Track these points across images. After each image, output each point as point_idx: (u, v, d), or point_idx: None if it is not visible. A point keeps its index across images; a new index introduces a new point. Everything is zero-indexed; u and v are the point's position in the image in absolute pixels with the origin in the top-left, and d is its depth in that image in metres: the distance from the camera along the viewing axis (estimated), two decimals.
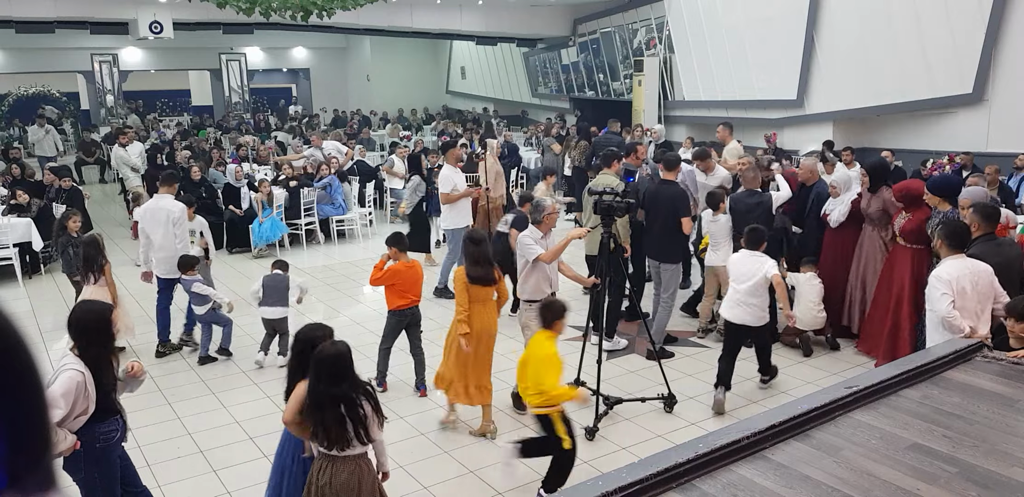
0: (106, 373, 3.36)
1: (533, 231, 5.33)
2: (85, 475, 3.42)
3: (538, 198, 5.55)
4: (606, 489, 1.64)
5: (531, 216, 5.45)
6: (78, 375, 3.22)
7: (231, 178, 10.60)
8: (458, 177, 7.97)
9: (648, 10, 15.13)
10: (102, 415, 3.37)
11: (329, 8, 10.01)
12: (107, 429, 3.42)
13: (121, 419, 3.52)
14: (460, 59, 23.34)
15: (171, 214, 6.48)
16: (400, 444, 4.85)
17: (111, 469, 3.50)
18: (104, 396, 3.35)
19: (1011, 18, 9.60)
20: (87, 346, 3.32)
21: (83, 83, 22.53)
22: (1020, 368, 2.41)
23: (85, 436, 3.32)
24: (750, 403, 5.46)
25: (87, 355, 3.30)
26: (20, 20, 13.85)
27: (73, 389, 3.19)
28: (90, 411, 3.29)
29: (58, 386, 3.18)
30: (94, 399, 3.29)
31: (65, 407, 3.17)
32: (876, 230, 6.25)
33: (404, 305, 5.58)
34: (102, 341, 3.36)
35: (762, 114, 12.99)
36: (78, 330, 3.35)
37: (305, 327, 3.58)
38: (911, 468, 1.81)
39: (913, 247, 5.77)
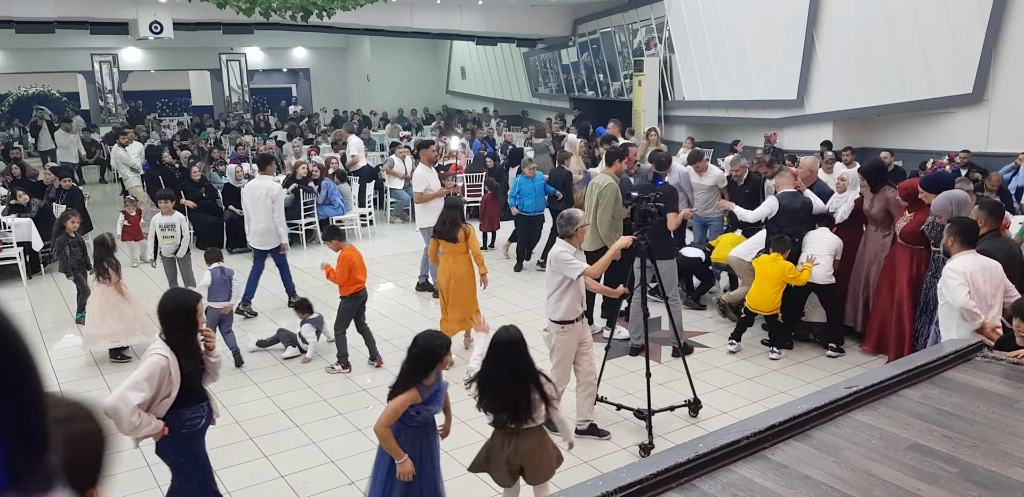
0: (191, 359, 3.43)
1: (567, 246, 4.77)
2: (174, 460, 3.52)
3: (571, 210, 4.95)
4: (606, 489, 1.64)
5: (561, 229, 4.85)
6: (162, 359, 3.30)
7: (231, 178, 10.60)
8: (431, 177, 8.05)
9: (648, 10, 15.13)
10: (188, 401, 3.44)
11: (329, 8, 10.00)
12: (192, 416, 3.48)
13: (207, 406, 3.59)
14: (460, 59, 23.34)
15: (270, 191, 7.43)
16: None
17: (199, 454, 3.59)
18: (189, 382, 3.42)
19: (1011, 18, 9.60)
20: (170, 331, 3.42)
21: (83, 83, 22.54)
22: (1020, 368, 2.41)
23: (171, 422, 3.38)
24: (750, 403, 5.46)
25: (171, 340, 3.39)
26: (20, 20, 13.86)
27: (157, 373, 3.27)
28: (173, 395, 3.35)
29: (142, 370, 3.27)
30: (178, 384, 3.35)
31: (148, 390, 3.24)
32: (879, 230, 6.27)
33: (357, 289, 6.01)
34: (184, 327, 3.43)
35: (762, 114, 13.00)
36: (162, 315, 3.45)
37: (426, 334, 3.61)
38: (911, 468, 1.81)
39: (913, 247, 5.79)
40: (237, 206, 10.31)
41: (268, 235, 7.44)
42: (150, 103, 25.84)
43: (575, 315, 4.76)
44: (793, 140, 12.57)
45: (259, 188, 7.47)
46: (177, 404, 3.39)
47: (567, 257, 4.70)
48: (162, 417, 3.35)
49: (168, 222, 7.46)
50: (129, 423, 3.19)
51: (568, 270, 4.66)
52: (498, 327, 3.64)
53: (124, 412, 3.16)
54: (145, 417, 3.25)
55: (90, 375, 6.12)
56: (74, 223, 7.30)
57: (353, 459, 4.70)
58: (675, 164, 8.20)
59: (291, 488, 4.39)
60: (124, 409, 3.16)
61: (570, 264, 4.65)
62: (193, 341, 3.48)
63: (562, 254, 4.73)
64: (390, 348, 6.62)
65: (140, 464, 4.67)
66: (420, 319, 7.44)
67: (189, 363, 3.41)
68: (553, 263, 4.74)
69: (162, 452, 3.51)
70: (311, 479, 4.47)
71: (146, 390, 3.24)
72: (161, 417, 3.35)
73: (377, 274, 9.00)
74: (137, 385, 3.23)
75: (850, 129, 11.95)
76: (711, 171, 8.00)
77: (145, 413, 3.26)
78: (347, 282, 5.95)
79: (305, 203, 10.47)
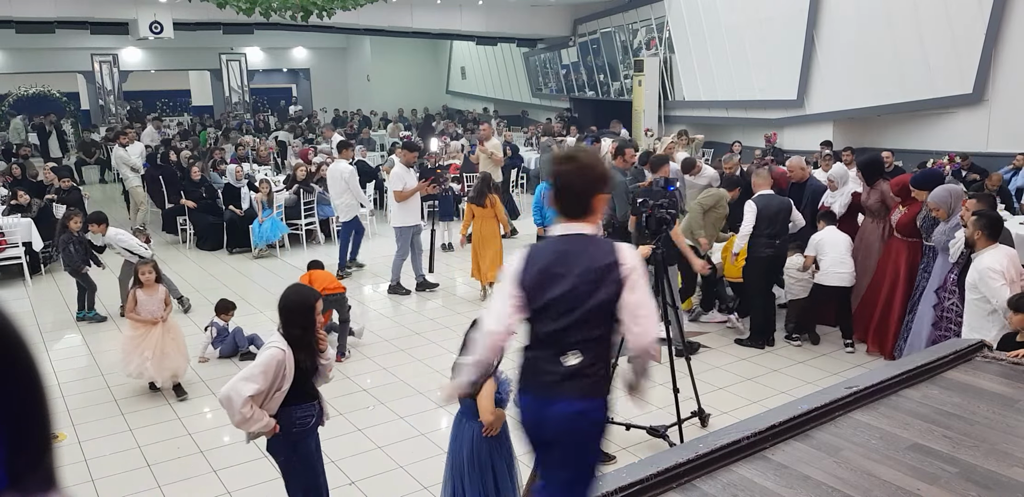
0: (307, 356, 3.41)
1: None
2: (284, 458, 3.50)
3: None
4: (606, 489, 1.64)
5: None
6: (279, 353, 3.29)
7: (231, 178, 10.60)
8: (409, 176, 8.10)
9: (648, 10, 15.13)
10: (299, 399, 3.41)
11: (329, 8, 10.01)
12: (303, 414, 3.45)
13: (318, 404, 3.55)
14: (460, 59, 23.34)
15: (342, 173, 8.77)
16: (400, 444, 4.85)
17: (309, 454, 3.55)
18: (303, 378, 3.40)
19: (1011, 18, 9.60)
20: (288, 326, 3.41)
21: (83, 83, 22.53)
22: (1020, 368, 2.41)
23: (283, 420, 3.37)
24: (750, 403, 5.46)
25: (289, 334, 3.38)
26: (20, 20, 13.86)
27: (273, 366, 3.26)
28: (285, 389, 3.33)
29: (258, 362, 3.28)
30: (291, 378, 3.33)
31: (263, 382, 3.23)
32: (875, 222, 6.41)
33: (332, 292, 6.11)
34: (301, 323, 3.41)
35: (762, 114, 12.99)
36: (280, 309, 3.45)
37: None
38: (911, 468, 1.81)
39: (909, 240, 5.92)
40: (237, 206, 10.33)
41: (346, 208, 8.80)
42: (150, 103, 25.83)
43: None
44: (793, 140, 12.57)
45: (335, 171, 8.88)
46: (289, 401, 3.37)
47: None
48: (274, 414, 3.34)
49: (104, 243, 7.54)
50: (240, 414, 3.19)
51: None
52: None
53: (236, 402, 3.17)
54: (257, 411, 3.25)
55: (90, 375, 6.12)
56: (76, 223, 7.34)
57: (354, 459, 4.70)
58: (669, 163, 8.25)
59: None
60: (236, 399, 3.17)
61: None
62: (310, 337, 3.45)
63: None
64: (390, 348, 6.62)
65: (140, 464, 4.68)
66: (420, 319, 7.44)
67: (305, 359, 3.40)
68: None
69: (272, 450, 3.51)
70: None
71: (260, 382, 3.22)
72: (273, 414, 3.33)
73: (377, 274, 9.00)
74: (252, 377, 3.23)
75: (850, 129, 11.95)
76: (705, 171, 8.07)
77: (258, 408, 3.25)
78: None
79: (305, 203, 10.47)
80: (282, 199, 10.20)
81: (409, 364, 6.20)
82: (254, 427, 3.27)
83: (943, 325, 5.37)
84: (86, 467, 4.62)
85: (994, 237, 4.42)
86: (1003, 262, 4.31)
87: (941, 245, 5.33)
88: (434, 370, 6.10)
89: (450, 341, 6.76)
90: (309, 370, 3.44)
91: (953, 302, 5.25)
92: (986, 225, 4.42)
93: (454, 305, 7.92)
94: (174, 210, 10.77)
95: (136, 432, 5.11)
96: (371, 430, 5.08)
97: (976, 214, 4.58)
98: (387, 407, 5.41)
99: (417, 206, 8.27)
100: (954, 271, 5.23)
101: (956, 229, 5.15)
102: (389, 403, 5.48)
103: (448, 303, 8.04)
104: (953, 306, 5.26)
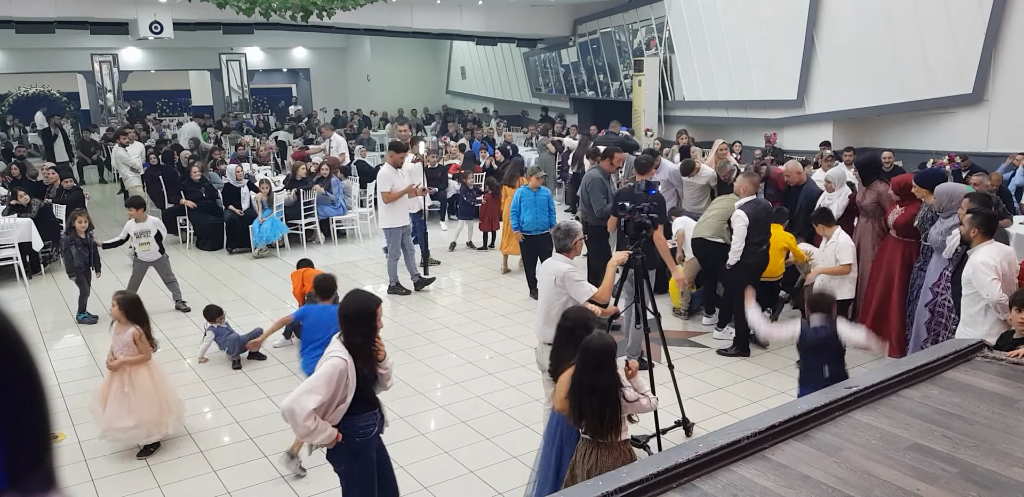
0: (368, 364, 3.34)
1: (570, 262, 4.39)
2: (345, 468, 3.44)
3: (568, 222, 4.55)
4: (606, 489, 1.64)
5: (559, 242, 4.46)
6: (341, 363, 3.21)
7: (231, 178, 10.60)
8: (396, 178, 8.12)
9: (648, 10, 15.13)
10: (361, 408, 3.34)
11: (329, 8, 10.01)
12: (366, 423, 3.39)
13: (379, 413, 3.50)
14: (460, 59, 23.34)
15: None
16: (400, 444, 4.85)
17: (369, 463, 3.49)
18: (364, 387, 3.33)
19: (1011, 18, 9.60)
20: (349, 334, 3.33)
21: (83, 83, 22.54)
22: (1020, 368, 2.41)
23: (345, 429, 3.30)
24: (750, 403, 5.46)
25: (350, 343, 3.30)
26: (20, 20, 13.86)
27: (336, 376, 3.18)
28: (348, 400, 3.25)
29: (320, 373, 3.19)
30: (354, 388, 3.26)
31: (325, 394, 3.15)
32: (871, 222, 6.43)
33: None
34: (363, 331, 3.34)
35: (762, 114, 13.00)
36: (342, 318, 3.37)
37: (574, 309, 3.61)
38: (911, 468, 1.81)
39: (905, 240, 5.94)
40: (237, 206, 10.32)
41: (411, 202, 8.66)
42: (150, 103, 25.84)
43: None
44: (793, 140, 12.57)
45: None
46: (351, 410, 3.29)
47: (577, 276, 4.29)
48: (336, 424, 3.27)
49: (142, 229, 7.48)
50: (304, 427, 3.12)
51: (577, 292, 4.25)
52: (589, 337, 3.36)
53: (299, 415, 3.10)
54: (321, 423, 3.17)
55: (90, 375, 6.12)
56: (82, 223, 7.29)
57: None
58: (664, 161, 8.25)
59: (291, 488, 4.39)
60: (300, 413, 3.10)
61: (580, 285, 4.26)
62: (372, 345, 3.38)
63: (571, 273, 4.30)
64: (390, 348, 6.54)
65: (140, 464, 4.68)
66: (420, 319, 7.44)
67: (366, 367, 3.32)
68: (558, 281, 4.29)
69: (333, 459, 3.44)
70: (311, 479, 4.47)
71: (323, 394, 3.14)
72: (336, 423, 3.26)
73: (377, 274, 9.00)
74: (314, 389, 3.14)
75: (850, 129, 11.95)
76: (703, 171, 8.08)
77: (321, 419, 3.17)
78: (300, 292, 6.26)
79: (305, 203, 10.47)
80: (282, 199, 10.20)
81: (409, 364, 6.19)
82: (318, 439, 3.19)
83: (936, 320, 5.42)
84: (86, 467, 4.62)
85: (989, 234, 4.48)
86: (996, 258, 4.35)
87: (938, 244, 5.37)
88: (434, 370, 6.10)
89: (450, 341, 6.76)
90: (369, 378, 3.36)
91: (946, 297, 5.30)
92: (982, 222, 4.48)
93: (454, 305, 7.92)
94: (174, 210, 10.77)
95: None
96: None
97: (971, 212, 4.65)
98: (387, 407, 5.38)
99: (405, 207, 8.28)
100: (949, 268, 5.28)
101: (953, 228, 5.20)
102: (389, 403, 5.44)
103: (448, 303, 8.04)
104: (946, 301, 5.31)
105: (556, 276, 4.26)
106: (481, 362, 6.23)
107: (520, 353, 6.29)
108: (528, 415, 5.12)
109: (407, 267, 8.32)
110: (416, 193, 8.34)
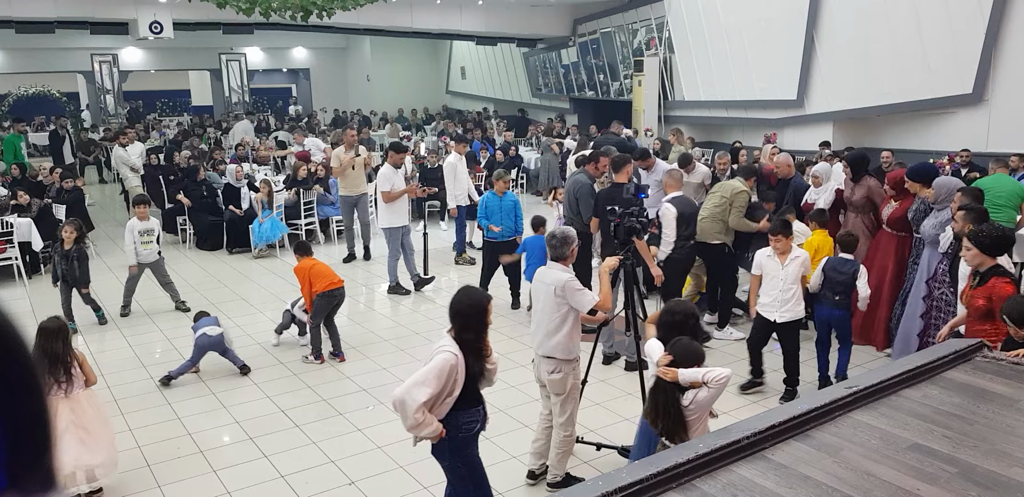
0: (476, 360, 3.35)
1: (567, 270, 4.19)
2: (449, 463, 3.46)
3: (563, 228, 4.30)
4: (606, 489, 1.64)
5: (555, 251, 4.18)
6: (452, 357, 3.23)
7: (231, 178, 10.60)
8: (396, 177, 8.17)
9: (648, 10, 15.12)
10: (466, 404, 3.35)
11: (329, 8, 10.00)
12: (469, 419, 3.40)
13: (483, 410, 3.50)
14: (460, 59, 23.33)
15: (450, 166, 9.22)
16: (400, 444, 4.85)
17: (473, 458, 3.51)
18: (470, 383, 3.33)
19: (1011, 18, 9.60)
20: (461, 330, 3.35)
21: (83, 83, 22.53)
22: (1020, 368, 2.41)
23: (448, 424, 3.32)
24: (750, 403, 5.46)
25: (461, 339, 3.32)
26: (20, 20, 13.84)
27: (446, 370, 3.20)
28: (455, 395, 3.27)
29: (432, 366, 3.21)
30: (462, 383, 3.27)
31: (435, 388, 3.17)
32: (860, 218, 6.50)
33: (327, 287, 6.11)
34: (475, 327, 3.37)
35: (762, 114, 12.99)
36: (454, 314, 3.40)
37: (676, 302, 3.70)
38: (911, 468, 1.81)
39: (899, 234, 6.04)
40: (237, 206, 10.32)
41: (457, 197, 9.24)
42: (150, 103, 25.84)
43: (579, 351, 4.19)
44: (793, 140, 12.56)
45: (447, 163, 9.33)
46: (455, 406, 3.31)
47: (578, 285, 4.06)
48: (441, 419, 3.29)
49: (146, 227, 7.47)
50: (413, 420, 3.15)
51: (579, 301, 4.03)
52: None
53: (410, 407, 3.12)
54: (428, 416, 3.19)
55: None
56: (69, 234, 6.89)
57: (353, 459, 4.70)
58: (658, 161, 8.24)
59: (291, 488, 4.39)
60: (411, 404, 3.12)
61: (583, 294, 4.02)
62: (483, 341, 3.40)
63: (572, 282, 4.05)
64: (390, 348, 6.63)
65: (140, 464, 4.68)
66: (420, 319, 7.45)
67: (476, 364, 3.34)
68: (558, 291, 4.04)
69: (438, 455, 3.46)
70: (311, 479, 4.47)
71: (433, 387, 3.17)
72: (441, 418, 3.28)
73: (377, 274, 9.01)
74: (426, 381, 3.17)
75: (850, 129, 11.95)
76: (698, 169, 8.09)
77: (428, 413, 3.20)
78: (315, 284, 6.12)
79: (305, 203, 10.48)
80: (282, 199, 10.20)
81: (409, 364, 6.19)
82: (424, 431, 3.22)
83: (933, 314, 5.47)
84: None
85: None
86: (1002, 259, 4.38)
87: (931, 238, 5.44)
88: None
89: None
90: (476, 374, 3.37)
91: (943, 292, 5.34)
92: (974, 218, 4.57)
93: None
94: (174, 210, 10.77)
95: (136, 432, 5.10)
96: (371, 430, 5.08)
97: (963, 208, 4.72)
98: (387, 407, 5.40)
99: (404, 207, 8.34)
100: (944, 262, 5.33)
101: (947, 223, 5.27)
102: (389, 403, 5.46)
103: (448, 303, 8.02)
104: (943, 296, 5.35)
105: (556, 286, 4.05)
106: None
107: (520, 353, 6.29)
108: (528, 415, 5.12)
109: (407, 267, 8.33)
110: (416, 193, 8.35)
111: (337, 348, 6.35)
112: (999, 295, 3.89)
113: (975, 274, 4.20)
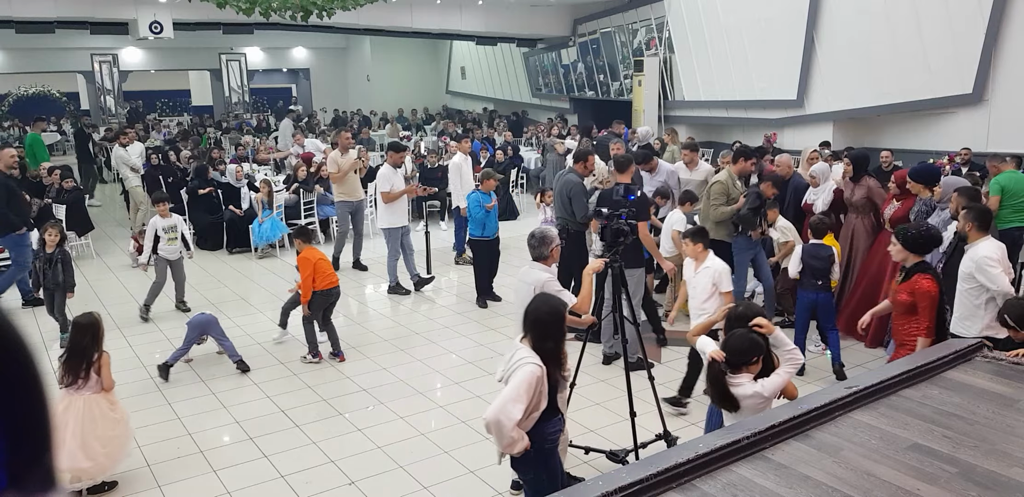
0: (556, 370, 3.20)
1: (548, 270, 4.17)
2: (533, 476, 3.32)
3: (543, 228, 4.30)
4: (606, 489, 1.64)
5: (535, 251, 4.23)
6: (538, 369, 3.07)
7: (231, 178, 10.60)
8: (396, 178, 8.17)
9: (648, 10, 15.13)
10: (548, 414, 3.21)
11: (329, 8, 10.00)
12: (553, 429, 3.29)
13: (562, 418, 3.39)
14: (460, 59, 23.34)
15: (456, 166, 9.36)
16: (400, 444, 4.85)
17: (556, 470, 3.39)
18: (552, 393, 3.20)
19: (1011, 18, 9.60)
20: (540, 340, 3.18)
21: (83, 83, 22.54)
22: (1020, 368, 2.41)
23: (534, 437, 3.17)
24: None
25: (541, 349, 3.16)
26: (20, 20, 13.85)
27: (534, 383, 3.04)
28: (542, 407, 3.13)
29: (521, 381, 3.03)
30: (547, 395, 3.13)
31: (526, 402, 3.02)
32: (860, 218, 6.51)
33: (326, 285, 6.12)
34: (554, 335, 3.20)
35: (762, 114, 12.99)
36: (533, 323, 3.21)
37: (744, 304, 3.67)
38: (911, 468, 1.81)
39: None
40: (237, 206, 10.32)
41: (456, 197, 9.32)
42: (150, 103, 25.85)
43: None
44: (793, 140, 12.57)
45: (452, 163, 9.47)
46: (539, 417, 3.17)
47: (557, 286, 4.07)
48: (527, 431, 3.16)
49: (169, 224, 7.48)
50: (509, 438, 3.00)
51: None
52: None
53: (507, 427, 2.97)
54: (518, 431, 3.04)
55: None
56: (52, 237, 6.53)
57: (353, 459, 4.70)
58: (662, 162, 8.23)
59: (291, 488, 4.39)
60: (507, 424, 2.97)
61: (561, 295, 3.95)
62: (562, 350, 3.25)
63: (551, 283, 4.07)
64: (390, 348, 6.63)
65: (140, 464, 4.68)
66: (420, 319, 7.45)
67: (556, 373, 3.20)
68: (537, 290, 3.95)
69: (521, 468, 3.33)
70: (311, 479, 4.47)
71: (524, 402, 3.01)
72: (527, 431, 3.15)
73: (377, 274, 9.00)
74: (518, 397, 3.00)
75: (850, 129, 11.95)
76: (701, 166, 8.09)
77: (516, 429, 3.05)
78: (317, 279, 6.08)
79: (305, 203, 10.47)
80: (282, 199, 10.20)
81: (409, 364, 6.20)
82: (517, 448, 3.07)
83: None
84: None
85: (984, 228, 4.55)
86: (997, 252, 4.43)
87: None
88: (434, 370, 6.10)
89: (450, 341, 6.77)
90: (557, 384, 3.25)
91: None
92: (976, 217, 4.56)
93: (454, 305, 7.92)
94: (174, 210, 10.75)
95: (136, 432, 5.10)
96: (371, 430, 5.08)
97: (966, 208, 4.75)
98: (387, 407, 5.41)
99: (404, 208, 8.34)
100: (942, 260, 5.35)
101: (948, 223, 5.30)
102: (389, 403, 5.48)
103: (448, 303, 8.04)
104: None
105: (535, 286, 4.03)
106: (481, 362, 6.23)
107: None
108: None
109: (407, 267, 8.33)
110: (416, 192, 8.36)
111: (336, 348, 6.34)
112: (920, 290, 4.17)
113: (901, 269, 4.42)
